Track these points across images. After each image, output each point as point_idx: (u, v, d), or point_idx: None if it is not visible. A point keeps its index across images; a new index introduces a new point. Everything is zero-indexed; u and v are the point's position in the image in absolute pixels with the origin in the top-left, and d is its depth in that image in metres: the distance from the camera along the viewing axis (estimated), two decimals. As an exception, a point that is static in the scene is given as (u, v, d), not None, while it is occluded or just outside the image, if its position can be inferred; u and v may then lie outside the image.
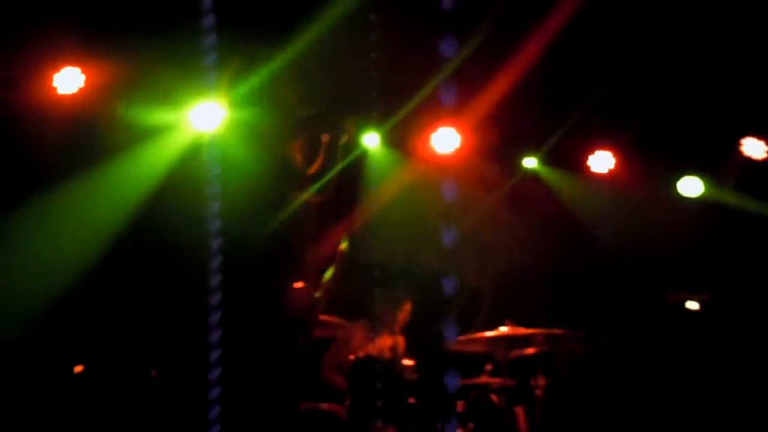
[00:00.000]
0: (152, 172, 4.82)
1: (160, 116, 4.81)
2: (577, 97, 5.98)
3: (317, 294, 4.49)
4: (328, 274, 4.65)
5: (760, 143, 6.10)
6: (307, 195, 4.24)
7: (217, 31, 3.86)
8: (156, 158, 4.84)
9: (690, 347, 5.70)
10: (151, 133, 4.82)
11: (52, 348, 4.62)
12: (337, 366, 4.88)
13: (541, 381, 5.29)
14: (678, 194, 6.36)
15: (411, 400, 4.83)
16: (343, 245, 4.67)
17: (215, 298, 1.93)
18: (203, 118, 4.82)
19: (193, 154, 4.77)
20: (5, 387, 4.37)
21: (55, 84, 4.70)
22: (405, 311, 5.46)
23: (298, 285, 4.05)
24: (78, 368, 4.53)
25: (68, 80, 4.70)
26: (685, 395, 5.55)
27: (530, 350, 5.26)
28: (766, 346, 5.64)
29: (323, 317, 4.74)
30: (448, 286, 5.43)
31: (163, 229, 4.71)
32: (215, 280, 1.94)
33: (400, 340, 5.39)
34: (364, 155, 5.92)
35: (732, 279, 5.97)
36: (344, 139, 4.82)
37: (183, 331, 4.30)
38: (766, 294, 5.80)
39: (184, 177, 4.67)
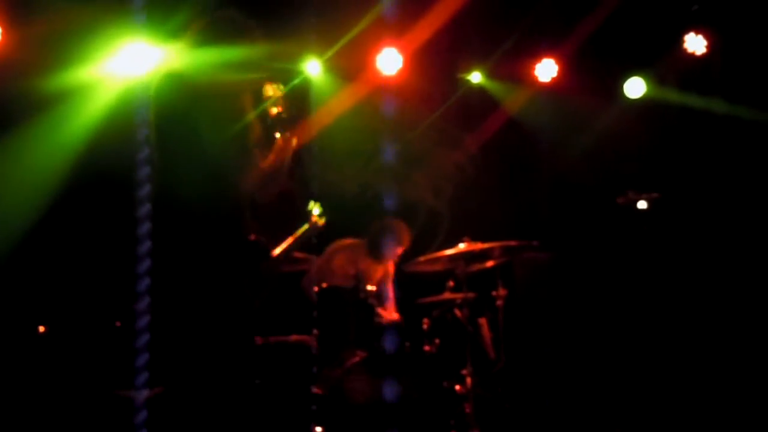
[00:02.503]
0: (84, 128, 4.69)
1: (88, 66, 4.64)
2: (519, 8, 5.93)
3: (277, 250, 4.39)
4: (299, 232, 4.50)
5: (700, 38, 6.15)
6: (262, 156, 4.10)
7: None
8: (87, 112, 4.70)
9: (642, 247, 5.90)
10: (82, 85, 4.67)
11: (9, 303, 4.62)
12: (317, 279, 4.98)
13: (502, 292, 5.45)
14: (622, 96, 6.43)
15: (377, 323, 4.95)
16: (316, 215, 4.48)
17: (144, 247, 1.91)
18: (132, 62, 4.66)
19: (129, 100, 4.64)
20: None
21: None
22: (397, 248, 5.52)
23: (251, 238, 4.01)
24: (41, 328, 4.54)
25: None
26: (641, 294, 5.78)
27: (489, 263, 5.38)
28: (715, 237, 5.87)
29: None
30: (388, 202, 5.51)
31: (105, 184, 4.63)
32: (144, 228, 1.91)
33: (384, 266, 5.48)
34: (306, 84, 5.85)
35: (679, 176, 6.13)
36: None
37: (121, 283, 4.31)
38: (713, 188, 5.98)
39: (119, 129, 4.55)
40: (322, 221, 4.47)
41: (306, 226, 4.48)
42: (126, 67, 4.66)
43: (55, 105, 4.72)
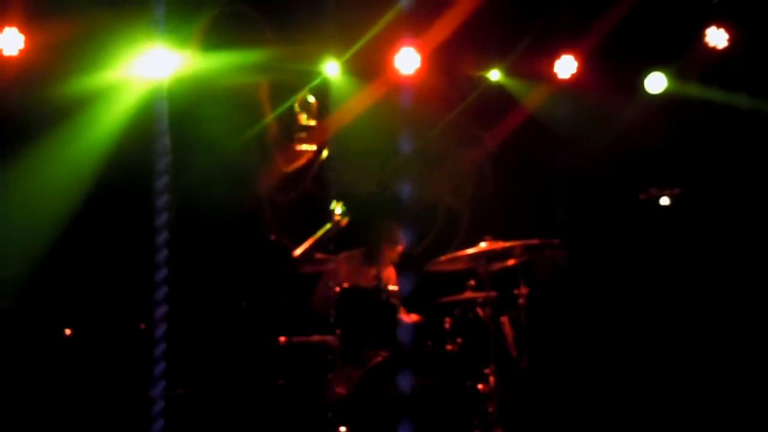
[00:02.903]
0: (105, 133, 4.74)
1: (109, 72, 4.69)
2: (537, 4, 5.90)
3: (299, 250, 4.39)
4: (321, 232, 4.50)
5: (722, 32, 6.09)
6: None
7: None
8: (108, 117, 4.75)
9: (664, 244, 5.85)
10: (103, 91, 4.72)
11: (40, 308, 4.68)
12: (327, 297, 4.96)
13: (523, 290, 5.43)
14: (643, 92, 6.38)
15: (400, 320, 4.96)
16: (339, 215, 4.46)
17: (161, 256, 1.91)
18: (153, 67, 4.69)
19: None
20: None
21: (-1, 47, 4.56)
22: (398, 249, 5.52)
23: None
24: (68, 331, 4.60)
25: (10, 42, 4.56)
26: (663, 291, 5.73)
27: (510, 262, 5.37)
28: (737, 233, 5.81)
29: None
30: (408, 203, 5.49)
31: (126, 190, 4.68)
32: (161, 237, 1.91)
33: (387, 270, 5.48)
34: (325, 85, 5.87)
35: (701, 171, 6.07)
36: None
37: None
38: (736, 184, 5.92)
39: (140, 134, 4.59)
40: (345, 220, 4.47)
41: (328, 226, 4.49)
42: (147, 71, 4.71)
43: (77, 110, 4.78)
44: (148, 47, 4.64)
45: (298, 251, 4.34)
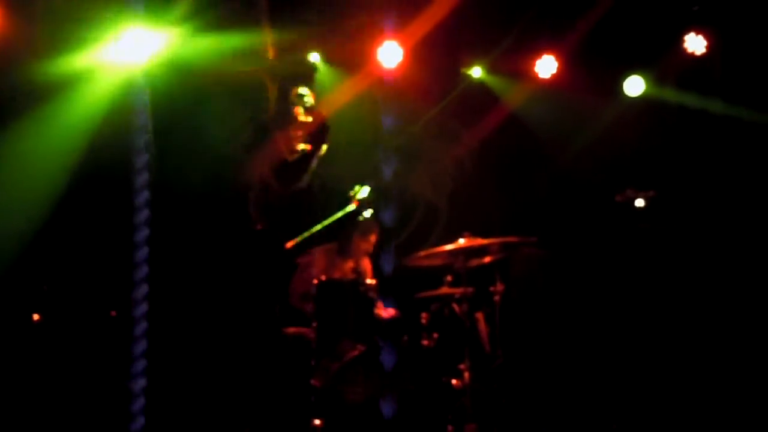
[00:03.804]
0: (83, 116, 4.63)
1: (86, 55, 4.57)
2: (520, 4, 5.93)
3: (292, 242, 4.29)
4: (339, 215, 4.39)
5: (700, 38, 6.18)
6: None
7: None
8: (86, 100, 4.63)
9: (639, 244, 5.93)
10: (80, 75, 4.60)
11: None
12: (304, 292, 4.93)
13: (499, 287, 5.46)
14: (622, 94, 6.45)
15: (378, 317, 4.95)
16: (360, 198, 4.34)
17: (142, 235, 1.86)
18: (132, 49, 4.55)
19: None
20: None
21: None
22: (370, 239, 5.49)
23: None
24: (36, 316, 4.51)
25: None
26: (637, 291, 5.82)
27: (487, 259, 5.39)
28: (711, 235, 5.91)
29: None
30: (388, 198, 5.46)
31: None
32: (141, 216, 1.86)
33: (363, 262, 5.46)
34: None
35: (676, 174, 6.17)
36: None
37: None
38: (711, 187, 6.02)
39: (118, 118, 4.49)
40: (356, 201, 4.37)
41: (349, 208, 4.37)
42: (126, 53, 4.59)
43: (54, 93, 4.66)
44: (128, 28, 4.52)
45: (291, 243, 4.26)
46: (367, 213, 4.35)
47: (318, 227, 4.34)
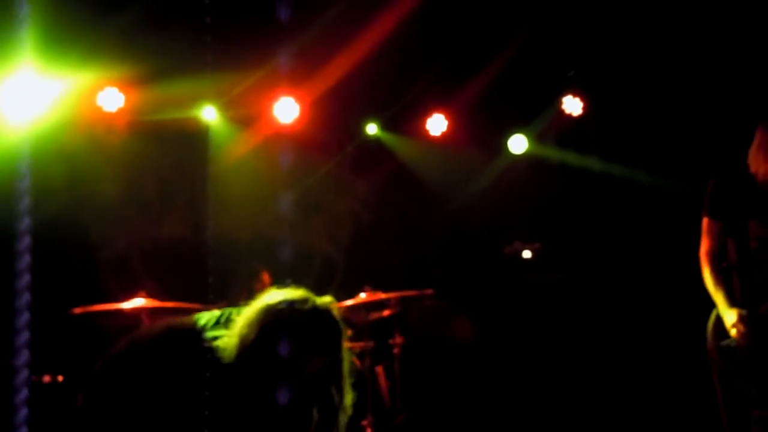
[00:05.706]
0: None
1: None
2: (414, 66, 6.17)
3: None
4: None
5: (577, 100, 6.64)
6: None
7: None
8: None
9: (527, 294, 6.20)
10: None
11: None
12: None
13: (398, 339, 5.52)
14: (506, 152, 6.80)
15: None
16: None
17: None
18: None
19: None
20: None
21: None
22: (261, 281, 5.42)
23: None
24: None
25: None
26: (527, 341, 6.05)
27: (386, 312, 5.44)
28: (594, 285, 6.26)
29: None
30: (284, 252, 5.44)
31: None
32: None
33: None
34: (205, 129, 5.77)
35: (559, 227, 6.53)
36: None
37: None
38: (592, 238, 6.40)
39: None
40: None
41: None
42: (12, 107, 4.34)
43: None
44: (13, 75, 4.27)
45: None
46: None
47: None
